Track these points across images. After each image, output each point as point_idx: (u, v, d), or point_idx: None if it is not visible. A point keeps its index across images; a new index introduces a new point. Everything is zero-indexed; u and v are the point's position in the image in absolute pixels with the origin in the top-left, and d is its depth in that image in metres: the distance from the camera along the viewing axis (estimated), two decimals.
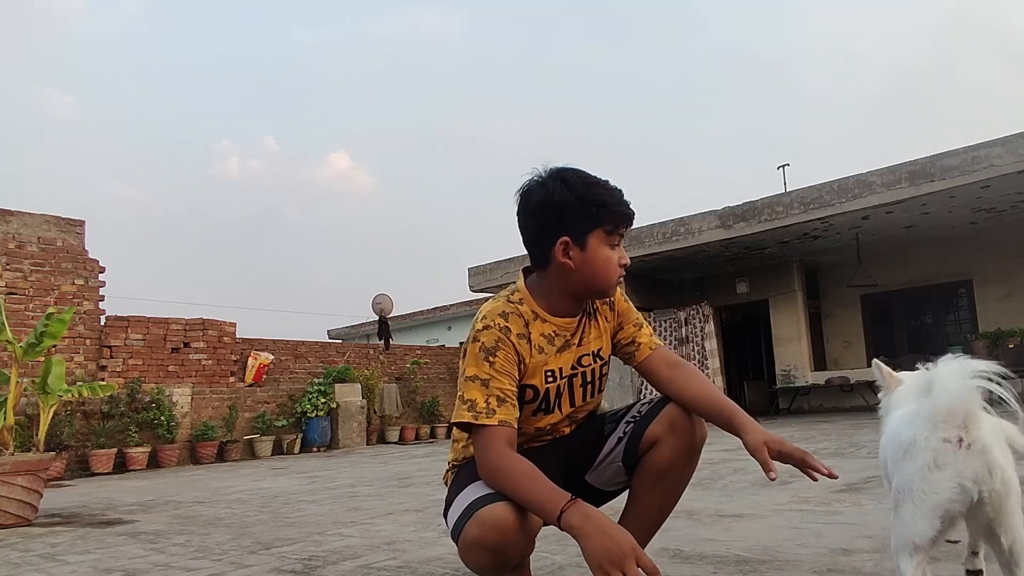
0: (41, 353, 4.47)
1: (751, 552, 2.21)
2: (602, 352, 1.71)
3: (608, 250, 1.56)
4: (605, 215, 1.54)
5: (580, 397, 1.69)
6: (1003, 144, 8.14)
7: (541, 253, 1.60)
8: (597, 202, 1.54)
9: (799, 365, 12.02)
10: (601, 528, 1.28)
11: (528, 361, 1.59)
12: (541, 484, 1.38)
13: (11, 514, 3.81)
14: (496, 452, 1.45)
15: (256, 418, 10.12)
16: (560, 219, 1.54)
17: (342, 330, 24.00)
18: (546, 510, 1.34)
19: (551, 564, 2.17)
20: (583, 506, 1.32)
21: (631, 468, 1.64)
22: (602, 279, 1.58)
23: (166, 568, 2.49)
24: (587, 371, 1.68)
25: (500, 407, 1.48)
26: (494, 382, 1.50)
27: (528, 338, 1.60)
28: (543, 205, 1.56)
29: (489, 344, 1.53)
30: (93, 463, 8.08)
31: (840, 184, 9.38)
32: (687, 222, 10.71)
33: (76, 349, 8.77)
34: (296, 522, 3.44)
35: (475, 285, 13.03)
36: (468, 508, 1.45)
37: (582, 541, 1.28)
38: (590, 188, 1.55)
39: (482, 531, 1.39)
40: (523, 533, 1.41)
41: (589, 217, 1.54)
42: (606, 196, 1.55)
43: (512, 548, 1.41)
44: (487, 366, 1.51)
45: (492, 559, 1.42)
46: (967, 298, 11.91)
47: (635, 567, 1.22)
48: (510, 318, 1.59)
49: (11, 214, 8.50)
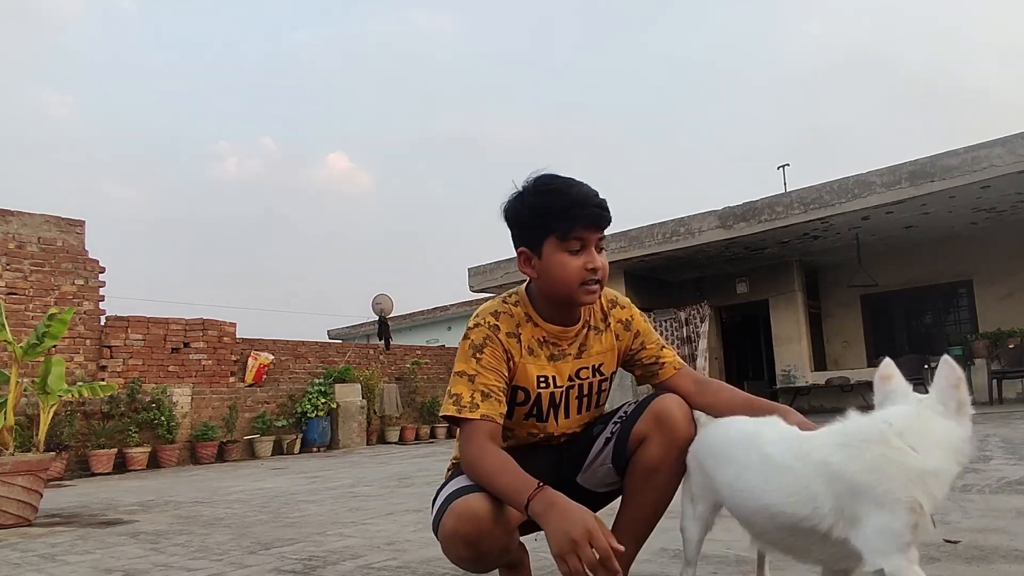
0: (41, 353, 4.47)
1: (751, 552, 2.21)
2: (603, 368, 1.70)
3: (564, 256, 1.54)
4: (551, 221, 1.53)
5: (575, 410, 1.69)
6: (1003, 144, 8.15)
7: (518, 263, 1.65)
8: (543, 210, 1.54)
9: (799, 365, 12.02)
10: (560, 513, 1.27)
11: (517, 360, 1.60)
12: (511, 474, 1.38)
13: (11, 514, 3.81)
14: (475, 445, 1.47)
15: (256, 418, 10.12)
16: (519, 230, 1.60)
17: (342, 330, 23.99)
18: (515, 499, 1.34)
19: (551, 564, 2.16)
20: (549, 493, 1.31)
21: (622, 468, 1.63)
22: (562, 287, 1.56)
23: (166, 568, 2.49)
24: (584, 384, 1.68)
25: (484, 402, 1.51)
26: (480, 378, 1.53)
27: (518, 338, 1.61)
28: (506, 219, 1.62)
29: (477, 341, 1.57)
30: (93, 463, 8.08)
31: (840, 184, 9.38)
32: (687, 222, 10.72)
33: (76, 349, 8.78)
34: (296, 522, 3.44)
35: (475, 285, 13.04)
36: (446, 500, 1.47)
37: (545, 528, 1.27)
38: (540, 196, 1.56)
39: (457, 522, 1.40)
40: (498, 524, 1.41)
41: (538, 226, 1.55)
42: (555, 201, 1.53)
43: (487, 539, 1.41)
44: (474, 362, 1.55)
45: (469, 550, 1.42)
46: (967, 298, 11.91)
47: (589, 551, 1.20)
48: (501, 317, 1.61)
49: (11, 214, 8.51)
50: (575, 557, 1.20)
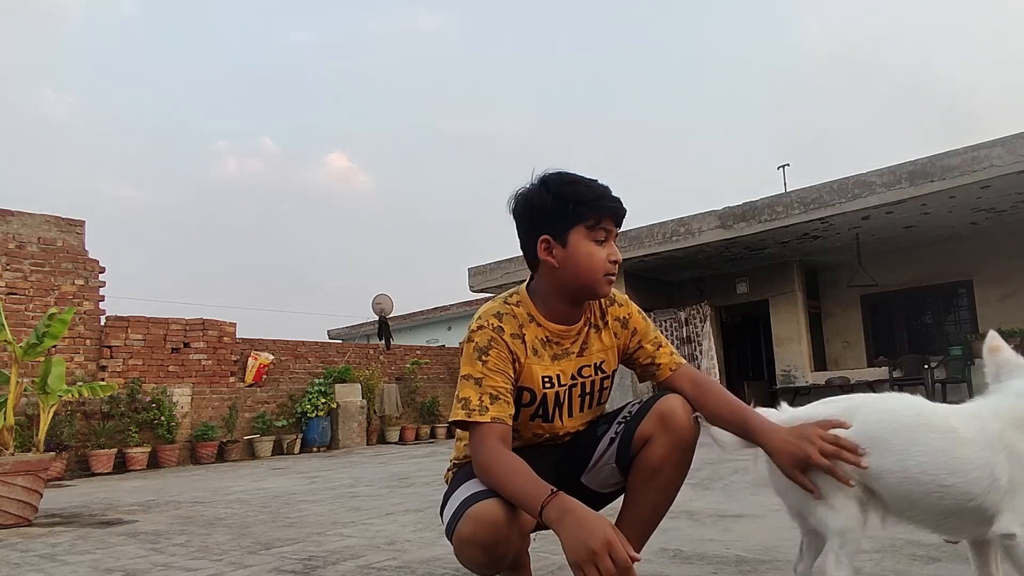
0: (41, 353, 4.48)
1: (751, 552, 2.21)
2: (604, 365, 1.70)
3: (591, 246, 1.57)
4: (584, 210, 1.56)
5: (578, 407, 1.69)
6: (1003, 144, 8.14)
7: (530, 256, 1.64)
8: (575, 199, 1.56)
9: (799, 365, 12.02)
10: (578, 521, 1.26)
11: (523, 360, 1.60)
12: (525, 479, 1.38)
13: (11, 514, 3.81)
14: (487, 448, 1.46)
15: (256, 418, 10.11)
16: (541, 219, 1.59)
17: (342, 330, 23.99)
18: (529, 504, 1.34)
19: (551, 564, 2.17)
20: (563, 499, 1.31)
21: (625, 468, 1.63)
22: (587, 275, 1.58)
23: (166, 568, 2.49)
24: (586, 382, 1.68)
25: (493, 404, 1.50)
26: (487, 380, 1.52)
27: (523, 339, 1.61)
28: (525, 208, 1.61)
29: (482, 343, 1.56)
30: (93, 463, 8.08)
31: (840, 184, 9.38)
32: (687, 222, 10.72)
33: (76, 349, 8.77)
34: (296, 522, 3.44)
35: (475, 285, 13.03)
36: (461, 505, 1.46)
37: (560, 535, 1.27)
38: (568, 186, 1.57)
39: (474, 527, 1.40)
40: (514, 529, 1.41)
41: (567, 214, 1.56)
42: (585, 192, 1.56)
43: (504, 544, 1.42)
44: (480, 365, 1.54)
45: (485, 555, 1.43)
46: (967, 298, 11.90)
47: (608, 562, 1.19)
48: (504, 318, 1.61)
49: (11, 214, 8.50)
50: (593, 567, 1.20)
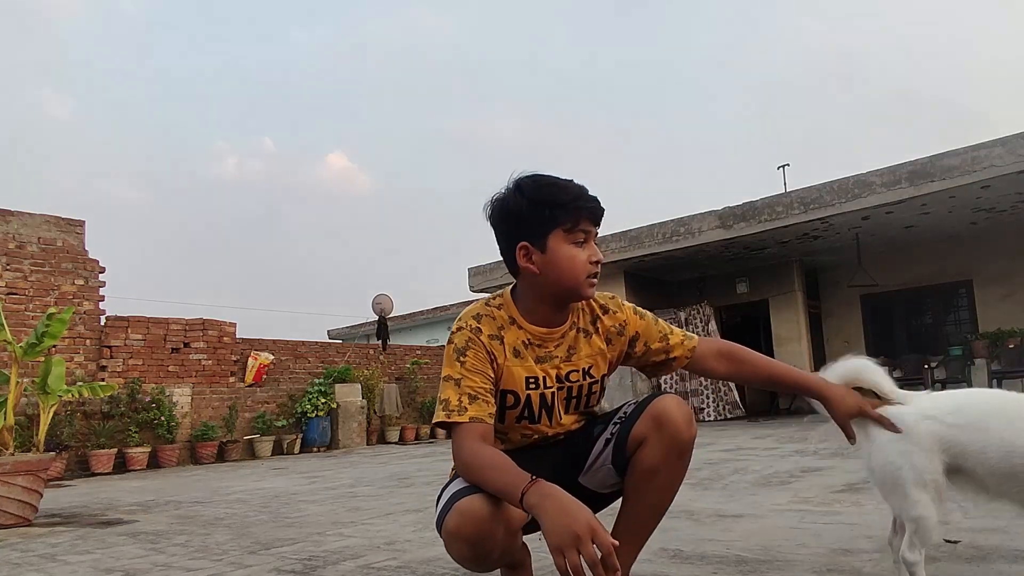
0: (41, 353, 4.47)
1: (751, 552, 2.21)
2: (593, 371, 1.70)
3: (571, 249, 1.56)
4: (561, 214, 1.55)
5: (565, 410, 1.70)
6: (1003, 144, 8.14)
7: (510, 262, 1.64)
8: (551, 202, 1.55)
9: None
10: (559, 506, 1.26)
11: (502, 362, 1.60)
12: (504, 470, 1.39)
13: (11, 514, 3.81)
14: (467, 447, 1.47)
15: (256, 418, 10.11)
16: (518, 225, 1.58)
17: (342, 330, 23.99)
18: (509, 494, 1.34)
19: (551, 564, 2.16)
20: (543, 485, 1.31)
21: (622, 470, 1.63)
22: (569, 279, 1.58)
23: (166, 568, 2.49)
24: (574, 387, 1.69)
25: (472, 404, 1.51)
26: (465, 381, 1.53)
27: (501, 340, 1.61)
28: (501, 215, 1.61)
29: (460, 344, 1.58)
30: (93, 463, 8.08)
31: (840, 184, 9.38)
32: (687, 222, 10.71)
33: (76, 349, 8.77)
34: (296, 522, 3.44)
35: (475, 285, 13.03)
36: (449, 500, 1.47)
37: (542, 520, 1.26)
38: (542, 190, 1.56)
39: (460, 522, 1.41)
40: (499, 523, 1.41)
41: (544, 219, 1.55)
42: (560, 195, 1.55)
43: (489, 539, 1.42)
44: (458, 366, 1.55)
45: (471, 550, 1.43)
46: (967, 298, 11.90)
47: (591, 547, 1.19)
48: (483, 320, 1.62)
49: (11, 214, 8.50)
50: (575, 552, 1.19)
